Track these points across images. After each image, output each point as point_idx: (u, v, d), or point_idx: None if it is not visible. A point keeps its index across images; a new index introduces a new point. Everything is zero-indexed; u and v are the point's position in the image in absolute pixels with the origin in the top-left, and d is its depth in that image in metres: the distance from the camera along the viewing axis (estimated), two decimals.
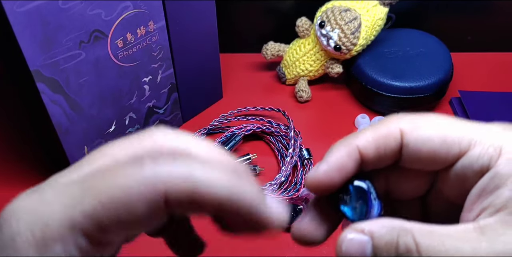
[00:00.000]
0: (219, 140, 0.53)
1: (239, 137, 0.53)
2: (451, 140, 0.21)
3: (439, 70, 0.57)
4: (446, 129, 0.22)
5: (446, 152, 0.21)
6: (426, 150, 0.22)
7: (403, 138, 0.22)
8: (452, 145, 0.21)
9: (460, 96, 0.59)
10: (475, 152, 0.21)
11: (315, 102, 0.61)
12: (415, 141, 0.22)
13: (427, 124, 0.22)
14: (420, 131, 0.22)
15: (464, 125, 0.22)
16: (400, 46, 0.59)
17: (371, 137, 0.22)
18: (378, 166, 0.23)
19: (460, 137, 0.21)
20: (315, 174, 0.22)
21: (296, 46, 0.61)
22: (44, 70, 0.40)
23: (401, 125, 0.22)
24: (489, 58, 0.68)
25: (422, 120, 0.22)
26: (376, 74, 0.56)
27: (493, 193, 0.20)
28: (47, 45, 0.39)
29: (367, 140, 0.22)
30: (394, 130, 0.22)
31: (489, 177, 0.20)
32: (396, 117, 0.23)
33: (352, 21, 0.55)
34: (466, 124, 0.22)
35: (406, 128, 0.22)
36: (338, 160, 0.22)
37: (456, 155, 0.21)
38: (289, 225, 0.45)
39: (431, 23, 0.67)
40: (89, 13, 0.40)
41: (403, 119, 0.22)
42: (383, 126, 0.22)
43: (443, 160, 0.22)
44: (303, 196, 0.47)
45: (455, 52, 0.62)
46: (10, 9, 0.35)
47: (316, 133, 0.57)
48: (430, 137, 0.22)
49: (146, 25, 0.46)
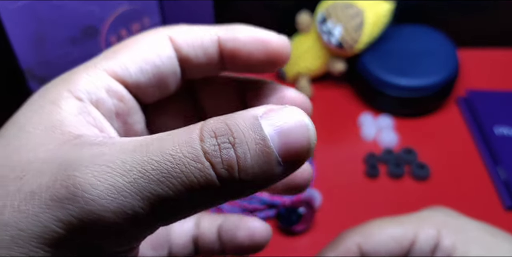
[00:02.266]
0: None
1: None
2: (399, 236, 0.26)
3: (445, 68, 0.55)
4: (391, 229, 0.27)
5: (400, 247, 0.26)
6: (384, 251, 0.26)
7: (361, 249, 0.26)
8: (402, 241, 0.26)
9: (467, 95, 0.58)
10: (421, 238, 0.26)
11: (317, 100, 0.59)
12: (373, 249, 0.26)
13: (375, 231, 0.27)
14: (372, 240, 0.26)
15: (404, 220, 0.27)
16: (405, 43, 0.58)
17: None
18: None
19: (405, 231, 0.27)
20: None
21: (297, 43, 0.59)
22: (37, 68, 0.39)
23: (355, 239, 0.27)
24: (498, 54, 0.66)
25: (370, 228, 0.27)
26: (380, 72, 0.55)
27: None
28: (40, 42, 0.38)
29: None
30: (352, 245, 0.26)
31: (440, 251, 0.26)
32: (348, 232, 0.27)
33: (354, 18, 0.53)
34: (405, 219, 0.27)
35: (360, 240, 0.27)
36: None
37: (408, 246, 0.27)
38: (290, 228, 0.44)
39: (437, 18, 0.66)
40: (82, 9, 0.39)
41: (355, 232, 0.27)
42: (341, 244, 0.27)
43: (400, 254, 0.27)
44: (304, 198, 0.46)
45: (463, 49, 0.61)
46: (2, 6, 0.35)
47: (318, 133, 0.55)
48: (382, 241, 0.26)
49: (141, 22, 0.45)
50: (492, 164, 0.51)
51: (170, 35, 0.18)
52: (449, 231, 0.27)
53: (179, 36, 0.18)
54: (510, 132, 0.53)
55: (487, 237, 0.26)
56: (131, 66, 0.17)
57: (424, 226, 0.27)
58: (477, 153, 0.53)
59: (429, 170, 0.50)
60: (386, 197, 0.49)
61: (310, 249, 0.44)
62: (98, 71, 0.17)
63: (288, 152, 0.14)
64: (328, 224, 0.46)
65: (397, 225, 0.27)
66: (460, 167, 0.51)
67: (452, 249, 0.26)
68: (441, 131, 0.56)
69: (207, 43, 0.18)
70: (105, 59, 0.18)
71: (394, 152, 0.52)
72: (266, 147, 0.14)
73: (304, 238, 0.45)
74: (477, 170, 0.51)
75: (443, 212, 0.28)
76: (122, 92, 0.18)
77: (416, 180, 0.50)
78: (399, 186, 0.50)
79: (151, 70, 0.18)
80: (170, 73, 0.18)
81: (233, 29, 0.19)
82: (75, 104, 0.17)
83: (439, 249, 0.26)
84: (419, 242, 0.26)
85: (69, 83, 0.17)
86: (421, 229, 0.27)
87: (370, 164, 0.50)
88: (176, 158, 0.14)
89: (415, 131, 0.55)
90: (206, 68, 0.19)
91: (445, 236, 0.26)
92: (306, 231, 0.45)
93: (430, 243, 0.26)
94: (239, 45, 0.18)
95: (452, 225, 0.27)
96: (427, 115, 0.57)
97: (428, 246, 0.26)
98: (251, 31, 0.19)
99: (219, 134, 0.14)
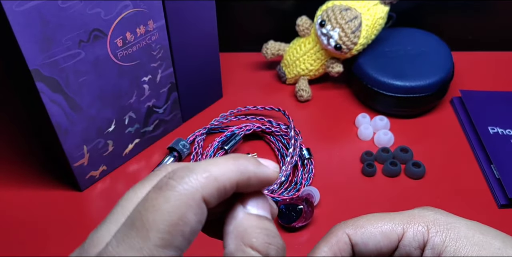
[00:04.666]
0: (219, 139, 0.53)
1: (239, 137, 0.53)
2: (388, 230, 0.27)
3: (440, 69, 0.56)
4: (381, 223, 0.28)
5: (388, 242, 0.27)
6: (372, 244, 0.27)
7: (351, 240, 0.28)
8: (390, 235, 0.27)
9: (461, 96, 0.59)
10: (409, 233, 0.27)
11: (316, 101, 0.61)
12: (361, 240, 0.27)
13: (365, 223, 0.28)
14: (361, 231, 0.28)
15: (394, 216, 0.28)
16: (401, 45, 0.59)
17: (326, 248, 0.28)
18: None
19: (394, 226, 0.28)
20: None
21: (296, 45, 0.60)
22: (44, 70, 0.39)
23: (346, 230, 0.28)
24: (491, 57, 0.67)
25: (361, 221, 0.28)
26: (377, 74, 0.56)
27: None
28: (47, 44, 0.39)
29: (324, 251, 0.28)
30: (342, 235, 0.28)
31: (429, 249, 0.27)
32: (340, 224, 0.29)
33: (352, 20, 0.54)
34: (396, 215, 0.28)
35: (350, 231, 0.28)
36: None
37: (396, 240, 0.27)
38: (290, 225, 0.45)
39: (432, 22, 0.67)
40: (88, 12, 0.40)
41: (346, 224, 0.28)
42: (332, 235, 0.28)
43: (388, 248, 0.27)
44: (303, 196, 0.47)
45: (456, 51, 0.62)
46: (9, 9, 0.35)
47: (317, 133, 0.57)
48: (371, 234, 0.27)
49: (146, 24, 0.46)
50: (485, 162, 0.52)
51: (203, 196, 0.20)
52: (439, 229, 0.27)
53: (209, 196, 0.20)
54: (502, 131, 0.54)
55: (477, 235, 0.27)
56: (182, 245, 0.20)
57: (413, 222, 0.28)
58: (471, 152, 0.54)
59: (424, 169, 0.51)
60: (382, 195, 0.50)
61: (309, 245, 0.45)
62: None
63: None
64: (327, 221, 0.47)
65: (387, 220, 0.28)
66: (455, 166, 0.53)
67: (443, 247, 0.27)
68: (436, 130, 0.57)
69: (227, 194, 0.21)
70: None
71: (390, 151, 0.53)
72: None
73: (303, 234, 0.46)
74: (471, 168, 0.52)
75: (434, 210, 0.29)
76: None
77: (412, 178, 0.51)
78: (395, 184, 0.51)
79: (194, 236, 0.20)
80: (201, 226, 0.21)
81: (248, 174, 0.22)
82: None
83: (429, 246, 0.27)
84: (407, 238, 0.27)
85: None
86: (410, 225, 0.27)
87: (366, 163, 0.51)
88: None
89: (411, 131, 0.57)
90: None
91: (435, 234, 0.27)
92: (305, 227, 0.46)
93: (418, 239, 0.27)
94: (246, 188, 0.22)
95: (443, 223, 0.27)
96: (422, 115, 0.59)
97: (416, 242, 0.27)
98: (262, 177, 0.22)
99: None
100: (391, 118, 0.57)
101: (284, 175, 0.49)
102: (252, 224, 0.21)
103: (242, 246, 0.21)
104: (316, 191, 0.48)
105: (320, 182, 0.50)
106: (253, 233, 0.21)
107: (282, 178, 0.49)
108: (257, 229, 0.21)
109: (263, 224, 0.22)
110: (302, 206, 0.45)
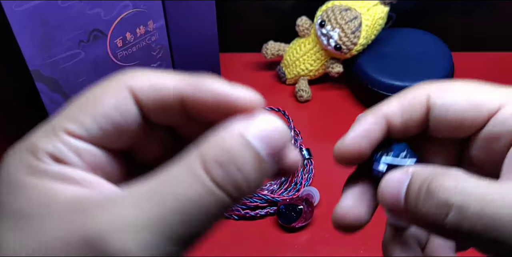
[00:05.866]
0: None
1: None
2: (479, 101, 0.21)
3: (440, 70, 0.57)
4: (473, 92, 0.21)
5: (475, 114, 0.21)
6: (452, 113, 0.21)
7: (429, 103, 0.21)
8: (480, 107, 0.21)
9: None
10: (506, 110, 0.20)
11: (316, 102, 0.61)
12: (441, 105, 0.21)
13: (454, 87, 0.22)
14: (446, 94, 0.21)
15: (493, 88, 0.22)
16: (401, 46, 0.59)
17: (397, 104, 0.22)
18: (406, 134, 0.22)
19: (489, 98, 0.21)
20: (342, 142, 0.22)
21: (296, 46, 0.60)
22: (44, 70, 0.39)
23: (427, 91, 0.22)
24: (491, 57, 0.67)
25: (450, 85, 0.22)
26: (377, 74, 0.56)
27: None
28: (46, 44, 0.39)
29: (393, 107, 0.22)
30: (420, 96, 0.22)
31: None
32: (424, 84, 0.22)
33: (352, 20, 0.54)
34: (495, 87, 0.22)
35: (432, 93, 0.21)
36: (365, 127, 0.22)
37: (485, 117, 0.21)
38: (290, 225, 0.45)
39: (432, 22, 0.67)
40: (88, 12, 0.40)
41: (430, 85, 0.22)
42: (410, 93, 0.22)
43: (472, 123, 0.21)
44: (303, 196, 0.47)
45: (456, 52, 0.62)
46: (9, 8, 0.35)
47: (317, 133, 0.57)
48: (457, 99, 0.21)
49: (146, 25, 0.46)
50: None
51: (130, 87, 0.18)
52: None
53: (139, 89, 0.18)
54: None
55: None
56: (89, 125, 0.17)
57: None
58: None
59: None
60: None
61: (309, 245, 0.45)
62: (56, 132, 0.17)
63: (273, 152, 0.17)
64: (327, 221, 0.47)
65: (483, 90, 0.21)
66: None
67: None
68: None
69: (169, 100, 0.18)
70: (64, 119, 0.18)
71: None
72: (261, 160, 0.16)
73: (303, 234, 0.46)
74: None
75: None
76: (86, 148, 0.18)
77: None
78: None
79: (113, 128, 0.18)
80: (131, 125, 0.18)
81: (196, 85, 0.18)
82: (46, 167, 0.17)
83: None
84: (502, 114, 0.20)
85: (35, 152, 0.17)
86: (510, 103, 0.21)
87: None
88: (194, 199, 0.15)
89: None
90: (170, 119, 0.19)
91: None
92: (305, 227, 0.46)
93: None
94: (200, 104, 0.18)
95: None
96: None
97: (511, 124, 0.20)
98: (214, 90, 0.18)
99: (223, 163, 0.15)
100: None
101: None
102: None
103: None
104: (316, 191, 0.48)
105: (320, 182, 0.50)
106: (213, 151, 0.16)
107: (282, 178, 0.49)
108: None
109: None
110: (302, 206, 0.45)
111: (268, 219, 0.47)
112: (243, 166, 0.16)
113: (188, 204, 0.15)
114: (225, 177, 0.15)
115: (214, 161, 0.15)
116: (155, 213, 0.15)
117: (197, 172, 0.15)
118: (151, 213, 0.15)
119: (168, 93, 0.18)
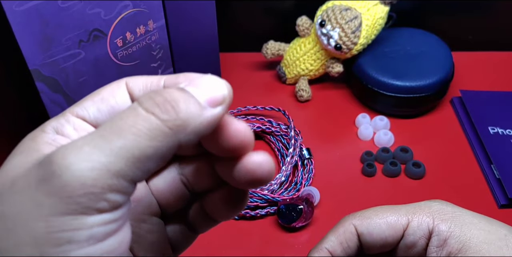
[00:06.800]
0: None
1: None
2: (393, 222, 0.28)
3: (440, 70, 0.56)
4: (387, 214, 0.28)
5: (393, 232, 0.28)
6: (377, 233, 0.28)
7: (357, 230, 0.29)
8: (395, 226, 0.28)
9: (461, 96, 0.59)
10: (414, 223, 0.28)
11: (316, 101, 0.61)
12: (367, 232, 0.28)
13: (372, 214, 0.29)
14: (367, 222, 0.28)
15: (400, 207, 0.29)
16: (401, 45, 0.59)
17: (333, 237, 0.29)
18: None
19: (399, 216, 0.28)
20: None
21: (297, 45, 0.60)
22: (44, 70, 0.39)
23: (353, 221, 0.29)
24: (491, 57, 0.67)
25: (368, 213, 0.29)
26: (377, 74, 0.56)
27: (445, 244, 0.27)
28: (46, 44, 0.39)
29: (331, 240, 0.29)
30: (349, 226, 0.29)
31: (435, 235, 0.27)
32: (348, 216, 0.29)
33: (352, 20, 0.54)
34: (402, 207, 0.29)
35: (357, 222, 0.29)
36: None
37: (401, 232, 0.28)
38: (290, 225, 0.45)
39: (432, 22, 0.67)
40: (88, 12, 0.40)
41: (353, 216, 0.29)
42: (340, 226, 0.29)
43: (393, 239, 0.28)
44: (304, 196, 0.47)
45: (456, 52, 0.62)
46: (9, 8, 0.35)
47: (317, 133, 0.57)
48: (376, 225, 0.28)
49: (146, 24, 0.46)
50: (485, 162, 0.52)
51: (125, 81, 0.22)
52: (445, 217, 0.27)
53: (133, 82, 0.22)
54: (502, 131, 0.54)
55: (483, 222, 0.27)
56: (89, 107, 0.21)
57: (419, 212, 0.28)
58: (471, 152, 0.54)
59: (424, 169, 0.51)
60: (382, 195, 0.50)
61: (309, 245, 0.45)
62: (65, 114, 0.21)
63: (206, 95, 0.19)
64: (327, 221, 0.47)
65: (393, 211, 0.29)
66: (455, 166, 0.53)
67: (448, 233, 0.27)
68: (436, 130, 0.57)
69: (153, 88, 0.22)
70: (74, 106, 0.22)
71: (390, 151, 0.53)
72: (189, 95, 0.18)
73: (303, 234, 0.46)
74: (471, 168, 0.52)
75: (440, 202, 0.29)
76: (85, 126, 0.21)
77: (412, 178, 0.51)
78: (395, 184, 0.51)
79: (107, 109, 0.21)
80: (122, 107, 0.21)
81: (177, 79, 0.21)
82: (46, 136, 0.20)
83: (434, 233, 0.27)
84: (412, 227, 0.28)
85: (44, 127, 0.21)
86: (416, 215, 0.28)
87: (367, 163, 0.52)
88: (130, 124, 0.17)
89: (411, 131, 0.57)
90: None
91: (441, 222, 0.27)
92: (305, 227, 0.46)
93: (423, 228, 0.27)
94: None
95: (449, 212, 0.28)
96: (422, 115, 0.59)
97: (421, 230, 0.28)
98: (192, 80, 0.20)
99: (153, 97, 0.18)
100: (391, 118, 0.57)
101: (284, 175, 0.49)
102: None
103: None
104: (316, 191, 0.48)
105: (320, 182, 0.50)
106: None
107: (282, 178, 0.49)
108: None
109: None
110: (302, 206, 0.45)
111: (268, 219, 0.47)
112: (171, 97, 0.18)
113: (127, 129, 0.17)
114: (152, 104, 0.18)
115: (148, 97, 0.18)
116: (98, 135, 0.17)
117: (133, 106, 0.18)
118: (95, 136, 0.17)
119: (152, 81, 0.22)
